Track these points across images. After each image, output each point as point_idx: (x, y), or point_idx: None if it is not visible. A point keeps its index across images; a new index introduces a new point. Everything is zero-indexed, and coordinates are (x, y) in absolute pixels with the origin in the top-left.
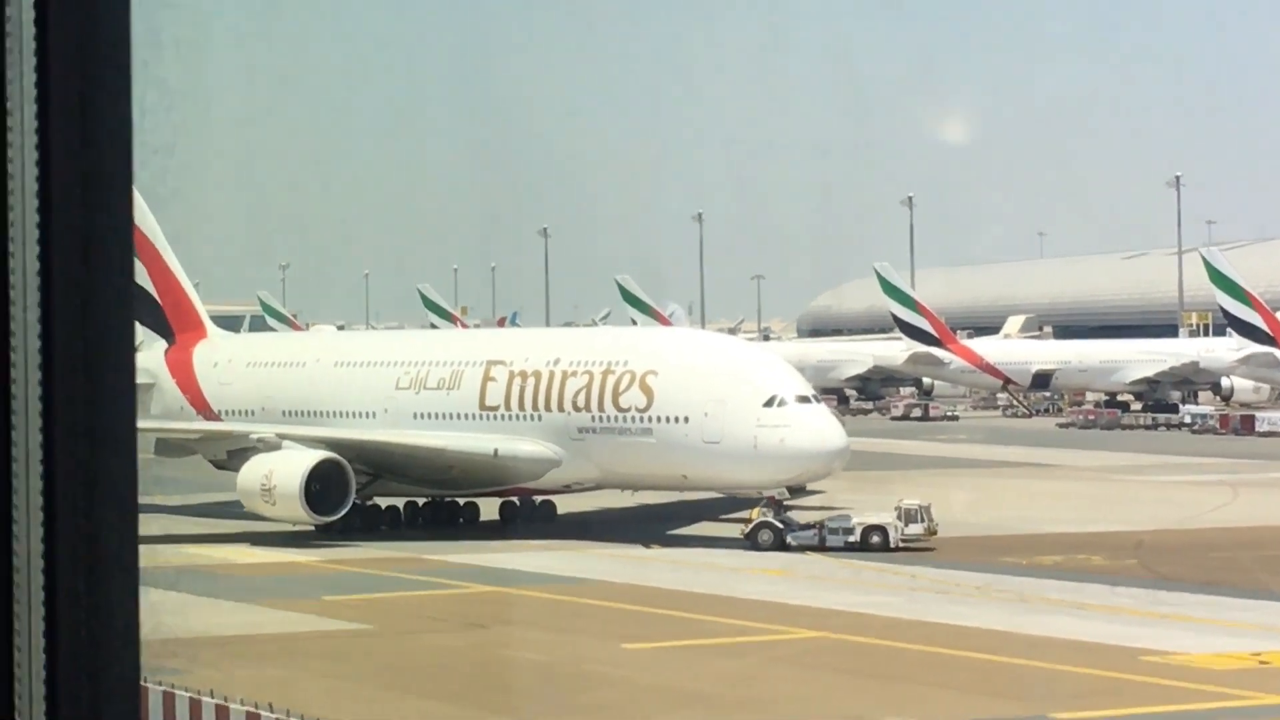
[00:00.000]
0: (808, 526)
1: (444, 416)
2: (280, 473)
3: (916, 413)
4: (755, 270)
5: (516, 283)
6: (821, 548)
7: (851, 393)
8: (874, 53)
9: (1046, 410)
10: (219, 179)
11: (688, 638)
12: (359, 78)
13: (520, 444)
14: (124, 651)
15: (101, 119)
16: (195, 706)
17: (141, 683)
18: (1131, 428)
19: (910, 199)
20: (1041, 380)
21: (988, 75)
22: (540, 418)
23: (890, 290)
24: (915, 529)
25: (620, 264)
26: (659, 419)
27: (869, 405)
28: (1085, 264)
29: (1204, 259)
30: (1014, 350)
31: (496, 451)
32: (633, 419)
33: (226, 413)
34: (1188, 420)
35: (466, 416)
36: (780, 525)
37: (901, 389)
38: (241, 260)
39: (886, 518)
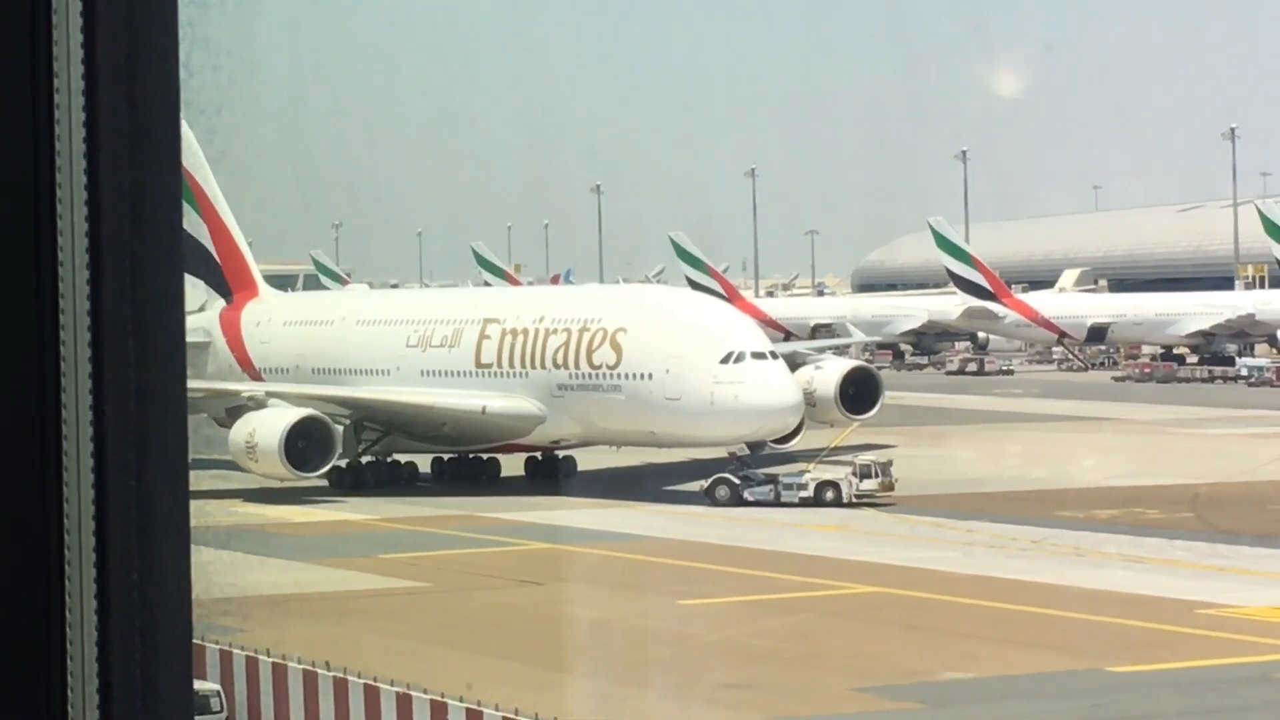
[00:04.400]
0: (764, 482)
1: (446, 374)
2: (262, 431)
3: (971, 367)
4: (809, 225)
5: (570, 240)
6: (776, 503)
7: (906, 347)
8: (926, 4)
9: (1102, 364)
10: (268, 138)
11: (744, 594)
12: (409, 34)
13: (507, 401)
14: (176, 612)
15: (148, 79)
16: (251, 664)
17: (196, 641)
18: (1188, 381)
19: (964, 153)
20: (1097, 334)
21: (1041, 27)
22: (527, 375)
23: (944, 244)
24: (870, 484)
25: (674, 220)
26: (627, 376)
27: (924, 360)
28: (1140, 217)
29: (1259, 211)
30: (1069, 304)
31: (485, 409)
32: (604, 376)
33: (267, 370)
34: (1244, 373)
35: (464, 374)
36: (738, 481)
37: (956, 343)
38: (294, 219)
39: (840, 473)
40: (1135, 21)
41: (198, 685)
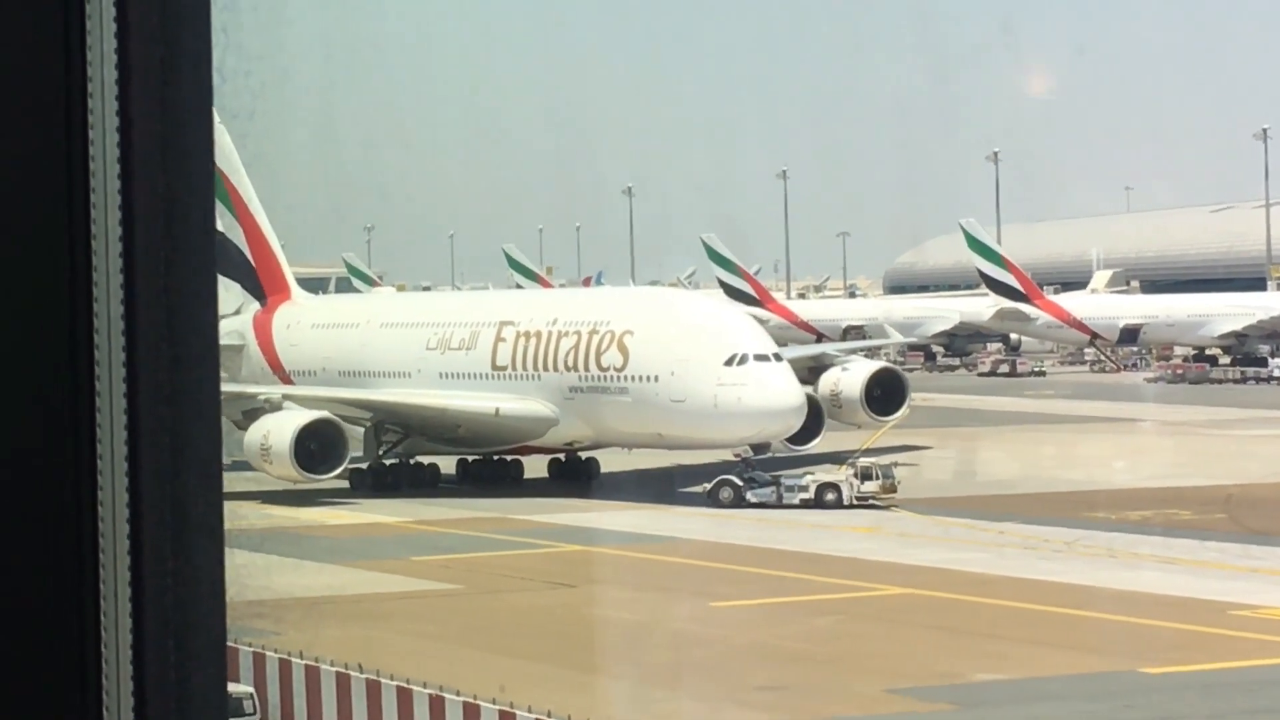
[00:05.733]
0: (767, 484)
1: (463, 376)
2: (275, 433)
3: (1004, 369)
4: (840, 227)
5: (601, 242)
6: (779, 505)
7: (938, 349)
8: (958, 5)
9: (1134, 365)
10: (300, 142)
11: (776, 596)
12: (439, 37)
13: (521, 403)
14: (210, 615)
15: (181, 83)
16: (285, 667)
17: (230, 644)
18: (1220, 382)
19: (996, 154)
20: (1129, 335)
21: (1072, 28)
22: (540, 377)
23: (976, 246)
24: (870, 486)
25: (706, 222)
26: (634, 378)
27: (956, 361)
28: (1172, 218)
29: None
30: (1101, 305)
31: (498, 411)
32: (612, 378)
33: (296, 373)
34: (1277, 374)
35: (481, 376)
36: (740, 483)
37: (988, 345)
38: (326, 222)
39: (841, 475)
40: (1166, 22)
41: (231, 688)
